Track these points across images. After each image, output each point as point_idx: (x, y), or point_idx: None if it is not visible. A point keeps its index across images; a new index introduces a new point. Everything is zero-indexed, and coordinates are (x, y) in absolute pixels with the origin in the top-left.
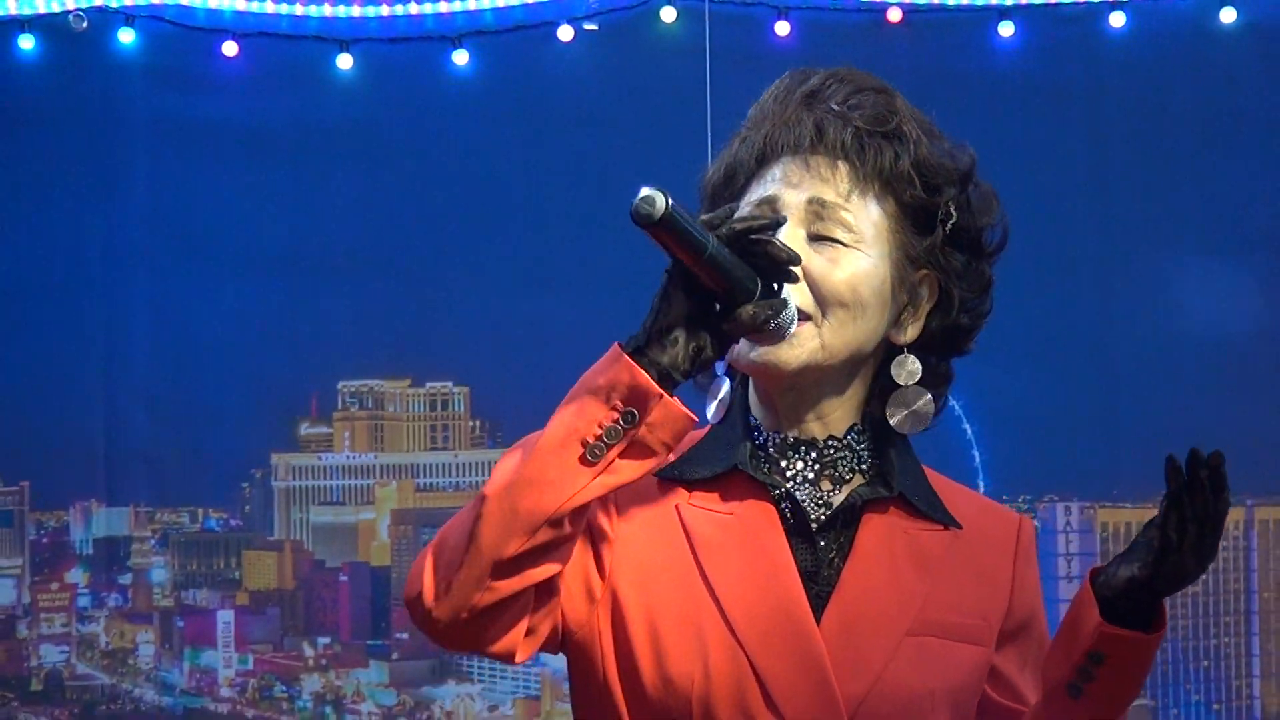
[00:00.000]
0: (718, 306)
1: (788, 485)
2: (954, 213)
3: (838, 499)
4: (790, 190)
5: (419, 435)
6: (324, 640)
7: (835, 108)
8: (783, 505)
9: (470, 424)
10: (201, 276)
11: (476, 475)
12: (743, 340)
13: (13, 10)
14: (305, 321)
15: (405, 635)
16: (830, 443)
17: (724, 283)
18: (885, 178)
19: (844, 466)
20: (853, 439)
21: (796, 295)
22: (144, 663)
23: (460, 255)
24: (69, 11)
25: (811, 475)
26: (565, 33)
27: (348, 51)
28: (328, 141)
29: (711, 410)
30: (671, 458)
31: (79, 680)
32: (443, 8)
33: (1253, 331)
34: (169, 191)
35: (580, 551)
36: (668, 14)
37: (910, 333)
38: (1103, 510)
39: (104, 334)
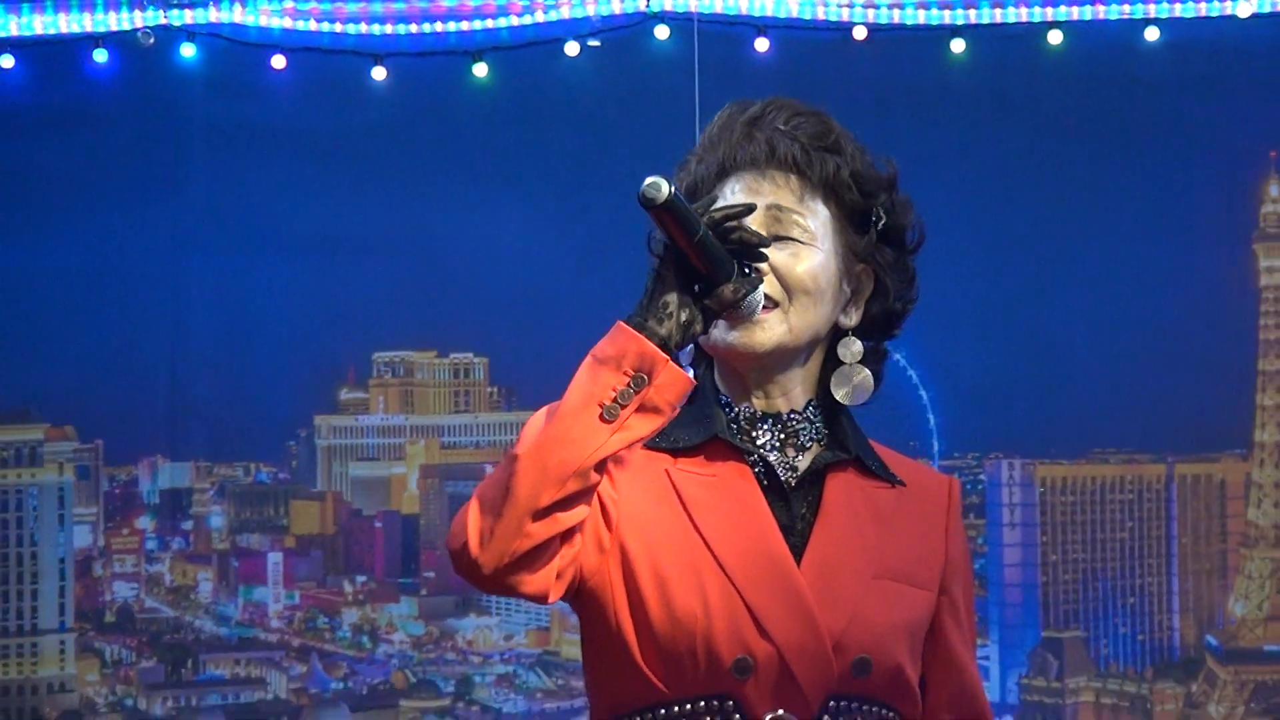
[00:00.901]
0: (696, 288)
1: (760, 451)
2: (884, 215)
3: (802, 463)
4: (752, 198)
5: (444, 400)
6: (361, 578)
7: (781, 128)
8: (757, 468)
9: (489, 390)
10: (254, 260)
11: (494, 435)
12: (719, 327)
13: (89, 28)
14: (344, 299)
15: (432, 574)
16: (792, 415)
17: (709, 264)
18: (829, 185)
19: (804, 435)
20: (811, 412)
21: (765, 285)
22: (204, 598)
23: (479, 241)
24: (138, 29)
25: (777, 443)
26: (572, 48)
27: (381, 64)
28: (363, 142)
29: None
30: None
31: (147, 613)
32: (464, 26)
33: (1171, 310)
34: (225, 186)
35: (590, 510)
36: (661, 31)
37: (854, 317)
38: (1041, 466)
39: (169, 311)
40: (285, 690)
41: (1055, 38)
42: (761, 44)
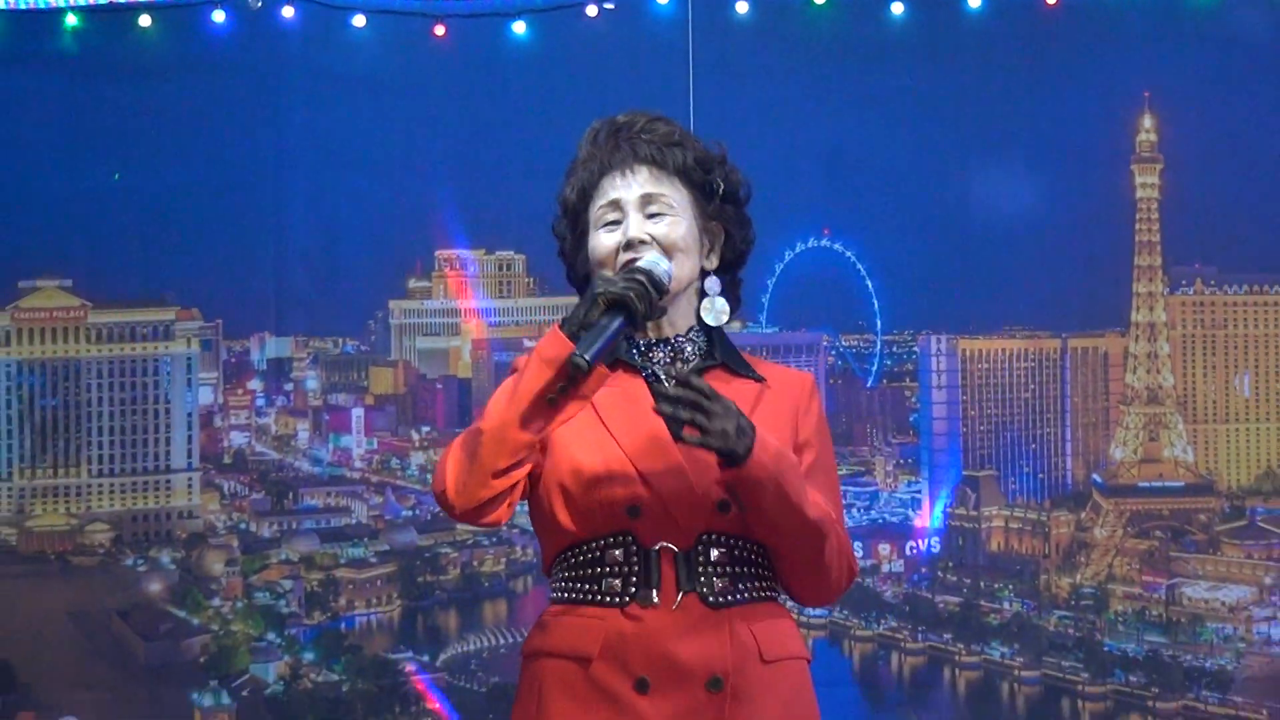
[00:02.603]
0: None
1: (654, 367)
2: (722, 183)
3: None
4: (627, 191)
5: (491, 288)
6: (425, 428)
7: (642, 135)
8: (651, 380)
9: (526, 280)
10: (340, 177)
11: (530, 315)
12: None
13: None
14: (412, 208)
15: None
16: (678, 339)
17: (626, 322)
18: (680, 170)
19: (689, 352)
20: (693, 335)
21: (653, 251)
22: (301, 444)
23: (520, 161)
24: None
25: (669, 360)
26: (591, 10)
27: (441, 23)
28: (427, 85)
29: None
30: None
31: (257, 456)
32: None
33: (1067, 216)
34: (317, 119)
35: None
36: None
37: (714, 261)
38: (962, 340)
39: (274, 217)
40: (366, 516)
41: (974, 0)
42: (742, 6)
